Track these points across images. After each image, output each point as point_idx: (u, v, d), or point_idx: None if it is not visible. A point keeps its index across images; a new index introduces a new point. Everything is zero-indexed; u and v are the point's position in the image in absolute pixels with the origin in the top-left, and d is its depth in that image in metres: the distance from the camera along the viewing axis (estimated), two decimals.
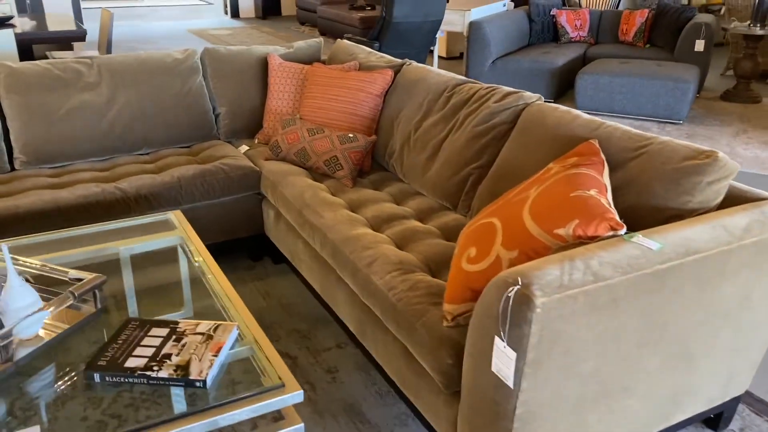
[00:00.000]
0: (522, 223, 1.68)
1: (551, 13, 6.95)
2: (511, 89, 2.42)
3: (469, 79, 2.66)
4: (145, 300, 1.89)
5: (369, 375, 2.29)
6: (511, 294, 1.36)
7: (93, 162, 3.00)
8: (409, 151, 2.70)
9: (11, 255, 2.03)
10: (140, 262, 2.17)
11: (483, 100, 2.45)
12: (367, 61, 3.19)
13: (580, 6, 8.77)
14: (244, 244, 3.03)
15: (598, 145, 1.93)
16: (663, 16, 6.53)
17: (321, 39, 3.62)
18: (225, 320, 1.77)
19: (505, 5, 7.15)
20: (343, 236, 2.21)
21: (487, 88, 2.50)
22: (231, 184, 2.83)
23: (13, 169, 2.90)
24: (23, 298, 1.56)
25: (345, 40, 3.56)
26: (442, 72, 2.79)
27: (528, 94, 2.35)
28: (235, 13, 12.92)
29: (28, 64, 2.94)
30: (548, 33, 6.97)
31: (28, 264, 1.85)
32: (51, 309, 1.56)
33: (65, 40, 5.04)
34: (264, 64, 3.38)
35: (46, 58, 5.63)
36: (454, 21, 6.34)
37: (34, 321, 1.53)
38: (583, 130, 2.05)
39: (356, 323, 2.16)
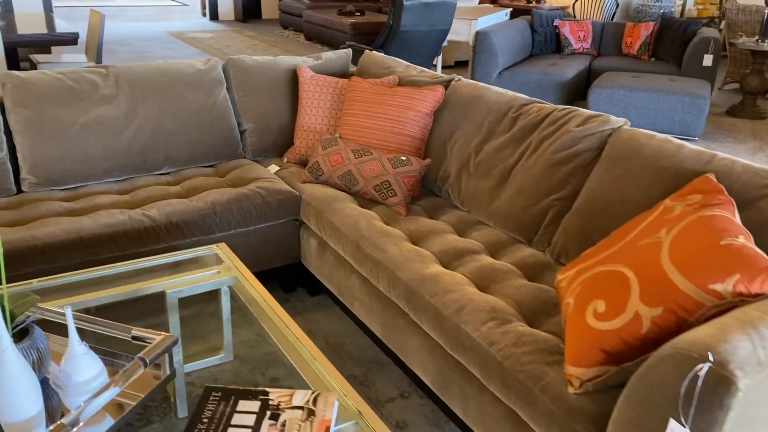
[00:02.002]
0: (663, 275, 1.47)
1: (554, 23, 6.82)
2: (591, 112, 2.21)
3: (535, 99, 2.45)
4: (244, 363, 1.63)
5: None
6: (701, 373, 1.14)
7: (109, 183, 2.70)
8: (468, 176, 2.47)
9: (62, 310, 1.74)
10: (188, 305, 1.90)
11: (560, 123, 2.23)
12: (408, 75, 2.95)
13: (575, 17, 8.68)
14: (276, 273, 2.76)
15: (716, 181, 1.73)
16: (668, 30, 6.44)
17: (350, 50, 3.38)
18: (310, 385, 1.52)
19: (506, 15, 7.00)
20: (417, 276, 1.97)
21: (563, 109, 2.29)
22: (269, 210, 2.57)
23: (19, 191, 2.59)
24: (88, 369, 1.28)
25: (375, 52, 3.32)
26: (500, 89, 2.58)
27: (613, 118, 2.15)
28: (213, 16, 12.55)
29: (37, 74, 2.63)
30: (551, 44, 6.84)
31: (84, 319, 1.57)
32: (122, 384, 1.29)
33: (56, 43, 4.69)
34: (292, 76, 3.12)
35: (30, 62, 5.25)
36: (460, 30, 6.15)
37: (103, 401, 1.26)
38: (692, 163, 1.85)
39: (436, 376, 1.92)
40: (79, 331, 1.53)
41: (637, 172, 1.94)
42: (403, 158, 2.52)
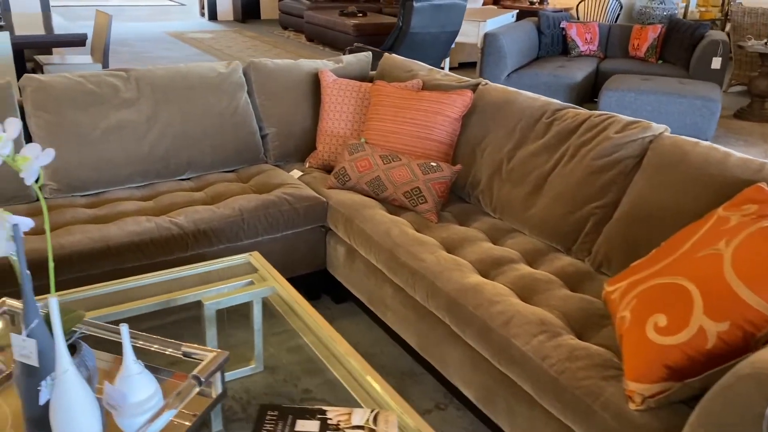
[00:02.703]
0: (728, 289, 1.43)
1: (561, 25, 6.79)
2: (630, 118, 2.18)
3: (568, 104, 2.41)
4: (275, 375, 1.58)
5: None
6: None
7: (131, 189, 2.64)
8: (501, 182, 2.43)
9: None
10: (227, 317, 1.86)
11: (599, 129, 2.20)
12: (432, 79, 2.91)
13: (578, 19, 8.67)
14: (301, 280, 2.71)
15: None
16: (675, 33, 6.42)
17: (369, 53, 3.33)
18: (359, 401, 1.47)
19: (513, 17, 6.96)
20: (458, 286, 1.92)
21: (600, 115, 2.25)
22: (296, 216, 2.52)
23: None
24: (143, 389, 1.23)
25: (394, 55, 3.28)
26: (531, 94, 2.54)
27: (654, 124, 2.11)
28: (212, 16, 12.47)
29: (57, 77, 2.57)
30: (557, 46, 6.81)
31: (138, 336, 1.51)
32: (178, 406, 1.24)
33: (64, 44, 4.62)
34: (313, 80, 3.07)
35: (36, 63, 5.17)
36: (468, 32, 6.11)
37: (161, 424, 1.21)
38: (741, 171, 1.82)
39: (479, 389, 1.87)
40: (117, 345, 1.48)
41: (683, 181, 1.90)
42: (434, 164, 2.47)
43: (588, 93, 6.36)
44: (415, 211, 2.45)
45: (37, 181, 1.21)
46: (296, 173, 2.87)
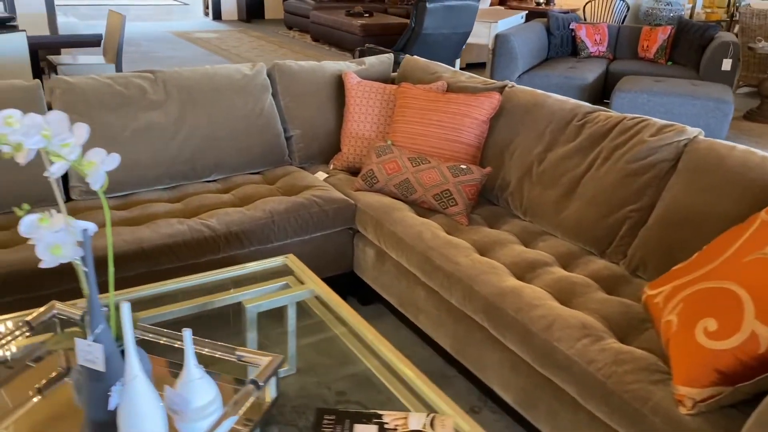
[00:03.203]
0: None
1: (570, 26, 6.80)
2: (664, 121, 2.18)
3: (599, 107, 2.41)
4: (307, 376, 1.58)
5: None
6: None
7: (159, 191, 2.64)
8: (531, 185, 2.43)
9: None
10: (265, 319, 1.86)
11: (633, 132, 2.20)
12: (457, 81, 2.91)
13: (585, 20, 8.68)
14: (327, 282, 2.70)
15: None
16: (685, 34, 6.43)
17: (391, 55, 3.33)
18: (407, 405, 1.48)
19: (522, 18, 6.97)
20: (495, 289, 1.93)
21: (633, 118, 2.25)
22: (325, 218, 2.52)
23: (68, 199, 2.53)
24: (205, 394, 1.23)
25: (416, 57, 3.28)
26: (560, 96, 2.54)
27: (688, 128, 2.12)
28: (216, 15, 12.46)
29: (85, 79, 2.57)
30: (567, 47, 6.82)
31: (174, 337, 1.51)
32: (239, 411, 1.24)
33: (79, 45, 4.62)
34: (337, 82, 3.07)
35: (48, 63, 5.17)
36: (480, 33, 6.11)
37: (224, 430, 1.21)
38: None
39: (519, 392, 1.88)
40: (169, 349, 1.48)
41: (721, 185, 1.91)
42: (463, 167, 2.47)
43: (599, 94, 6.37)
44: (445, 213, 2.45)
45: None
46: (321, 175, 2.87)
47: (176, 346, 1.50)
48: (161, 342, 1.53)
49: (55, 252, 1.14)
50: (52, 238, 1.15)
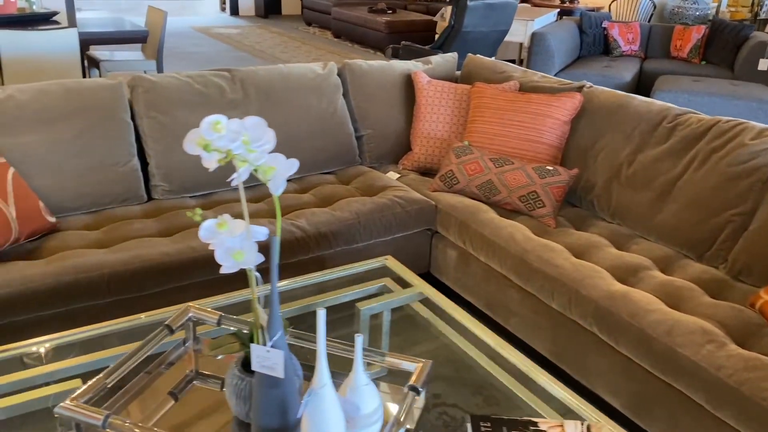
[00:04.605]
0: None
1: (603, 25, 6.77)
2: (763, 125, 2.17)
3: (687, 109, 2.40)
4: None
5: None
6: None
7: (237, 190, 2.63)
8: (619, 187, 2.42)
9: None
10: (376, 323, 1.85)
11: (731, 135, 2.19)
12: (529, 80, 2.90)
13: (611, 19, 8.64)
14: None
15: None
16: (719, 33, 6.41)
17: (455, 54, 3.32)
18: (539, 411, 1.47)
19: (554, 16, 6.95)
20: (604, 294, 1.92)
21: (728, 121, 2.24)
22: (408, 219, 2.51)
23: (149, 198, 2.51)
24: (372, 400, 1.22)
25: (479, 56, 3.26)
26: (644, 98, 2.53)
27: None
28: (234, 11, 12.43)
29: (166, 77, 2.56)
30: (599, 45, 6.79)
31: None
32: (408, 420, 1.23)
33: (127, 41, 4.60)
34: (406, 81, 3.05)
35: (89, 59, 5.14)
36: (516, 31, 6.10)
37: None
38: None
39: (631, 398, 1.87)
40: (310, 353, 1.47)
41: None
42: (550, 168, 2.46)
43: (634, 93, 6.35)
44: (531, 215, 2.44)
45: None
46: (393, 175, 2.86)
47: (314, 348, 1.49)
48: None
49: (237, 257, 1.13)
50: (233, 243, 1.14)
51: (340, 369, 1.43)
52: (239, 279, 2.20)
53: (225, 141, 1.01)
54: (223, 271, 1.15)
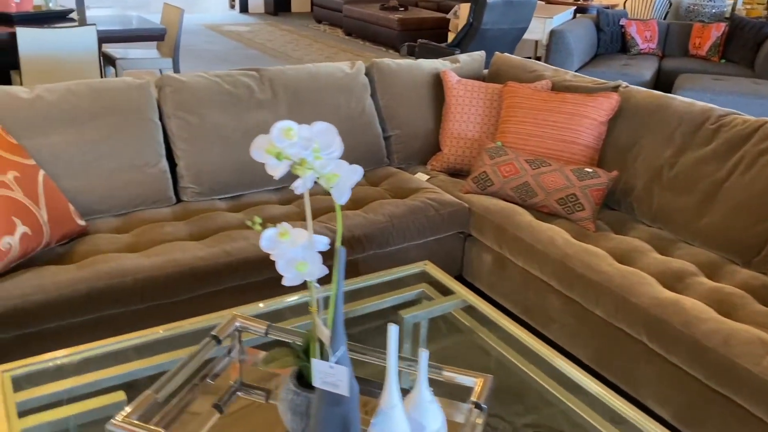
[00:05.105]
0: None
1: (620, 23, 6.70)
2: None
3: (730, 110, 2.33)
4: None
5: None
6: None
7: (267, 192, 2.58)
8: (661, 190, 2.36)
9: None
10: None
11: None
12: (562, 80, 2.83)
13: (628, 17, 8.55)
14: None
15: None
16: (739, 31, 6.33)
17: (482, 52, 3.25)
18: (606, 428, 1.41)
19: (571, 14, 6.88)
20: (654, 301, 1.86)
21: None
22: (441, 222, 2.45)
23: (178, 200, 2.46)
24: (436, 417, 1.17)
25: (507, 54, 3.20)
26: (684, 98, 2.46)
27: None
28: (243, 8, 12.37)
29: (194, 77, 2.50)
30: (616, 43, 6.72)
31: (358, 349, 1.45)
32: None
33: (145, 39, 4.55)
34: (434, 80, 2.99)
35: (105, 57, 5.09)
36: (534, 29, 6.03)
37: None
38: None
39: (681, 408, 1.81)
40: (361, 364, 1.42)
41: None
42: (589, 170, 2.40)
43: None
44: (569, 218, 2.38)
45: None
46: (422, 176, 2.80)
47: (369, 361, 1.43)
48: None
49: (300, 269, 1.08)
50: (295, 253, 1.08)
51: (375, 377, 1.39)
52: (273, 284, 2.15)
53: (297, 148, 0.95)
54: (285, 283, 1.09)
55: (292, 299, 1.81)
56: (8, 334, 1.77)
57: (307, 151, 0.97)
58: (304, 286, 2.13)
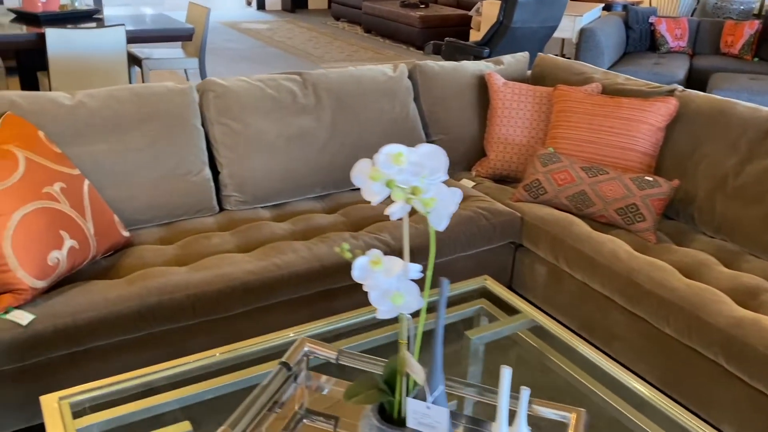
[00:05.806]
0: None
1: (650, 20, 6.56)
2: None
3: None
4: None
5: None
6: None
7: (311, 200, 2.49)
8: (725, 200, 2.25)
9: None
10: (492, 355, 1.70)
11: None
12: (612, 83, 2.73)
13: (657, 14, 8.40)
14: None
15: None
16: None
17: (526, 53, 3.15)
18: None
19: (600, 11, 6.75)
20: (732, 320, 1.76)
21: None
22: (492, 232, 2.36)
23: (221, 209, 2.38)
24: None
25: (551, 55, 3.09)
26: (748, 103, 2.36)
27: None
28: (260, 5, 12.30)
29: (237, 82, 2.42)
30: (645, 41, 6.58)
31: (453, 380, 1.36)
32: None
33: (173, 39, 4.48)
34: (478, 83, 2.90)
35: (130, 56, 5.03)
36: (564, 27, 5.91)
37: None
38: None
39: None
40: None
41: None
42: (649, 179, 2.30)
43: None
44: (628, 229, 2.28)
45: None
46: (468, 183, 2.71)
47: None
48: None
49: (396, 301, 0.99)
50: (389, 285, 1.00)
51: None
52: (322, 297, 2.07)
53: (407, 175, 0.86)
54: (380, 316, 1.01)
55: (354, 319, 1.73)
56: (57, 352, 1.70)
57: (416, 177, 0.88)
58: (343, 294, 2.06)
